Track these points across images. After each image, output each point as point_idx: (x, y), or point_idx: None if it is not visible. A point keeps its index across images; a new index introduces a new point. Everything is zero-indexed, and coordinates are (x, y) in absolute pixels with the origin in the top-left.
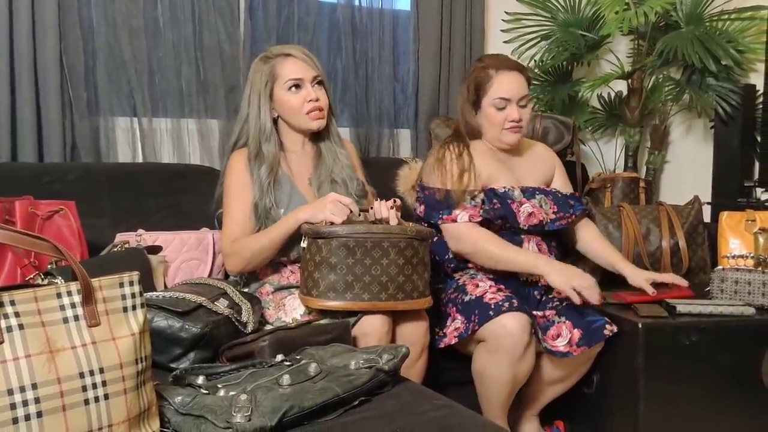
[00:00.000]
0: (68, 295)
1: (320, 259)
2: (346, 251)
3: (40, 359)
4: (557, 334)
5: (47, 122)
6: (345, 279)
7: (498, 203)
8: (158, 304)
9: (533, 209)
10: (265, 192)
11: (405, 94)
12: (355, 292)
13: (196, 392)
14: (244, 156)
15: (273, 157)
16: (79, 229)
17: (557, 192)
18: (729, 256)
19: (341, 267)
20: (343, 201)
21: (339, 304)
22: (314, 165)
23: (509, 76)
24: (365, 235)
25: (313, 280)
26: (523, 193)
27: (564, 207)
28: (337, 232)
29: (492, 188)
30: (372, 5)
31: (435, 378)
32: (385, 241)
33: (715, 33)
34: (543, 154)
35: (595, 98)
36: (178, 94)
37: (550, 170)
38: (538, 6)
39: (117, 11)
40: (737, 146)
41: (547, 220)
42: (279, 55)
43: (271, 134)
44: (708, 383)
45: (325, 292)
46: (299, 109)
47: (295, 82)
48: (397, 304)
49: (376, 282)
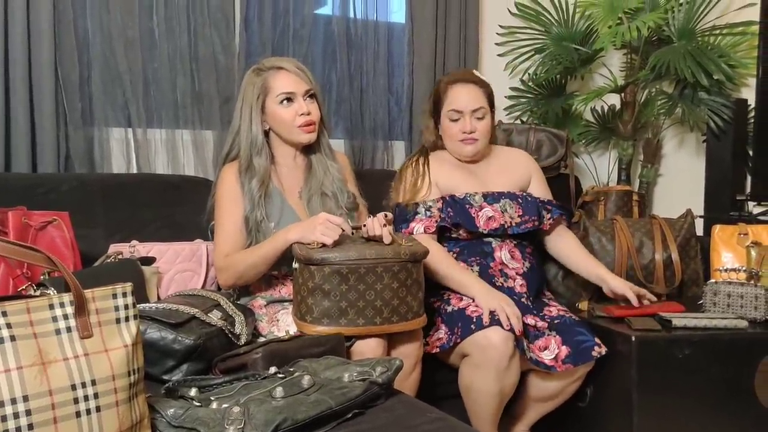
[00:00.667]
0: (61, 306)
1: (313, 285)
2: (339, 278)
3: (32, 371)
4: (545, 346)
5: (41, 132)
6: (339, 305)
7: (452, 210)
8: (151, 315)
9: (494, 213)
10: (257, 205)
11: (399, 107)
12: (349, 318)
13: (189, 404)
14: (235, 168)
15: (264, 170)
16: (72, 240)
17: (528, 196)
18: (721, 270)
19: (335, 294)
20: (333, 221)
21: (333, 330)
22: (305, 178)
23: (463, 89)
24: (358, 261)
25: (306, 306)
26: (485, 198)
27: (531, 211)
28: (329, 259)
29: (452, 195)
30: (367, 18)
31: (429, 391)
32: (379, 266)
33: (706, 48)
34: (517, 161)
35: (589, 111)
36: (172, 105)
37: (524, 176)
38: (532, 20)
39: (112, 22)
40: (729, 160)
41: (511, 224)
42: (271, 68)
43: (263, 147)
44: (701, 396)
45: (318, 318)
46: (291, 123)
47: (287, 95)
48: (391, 327)
49: (371, 307)
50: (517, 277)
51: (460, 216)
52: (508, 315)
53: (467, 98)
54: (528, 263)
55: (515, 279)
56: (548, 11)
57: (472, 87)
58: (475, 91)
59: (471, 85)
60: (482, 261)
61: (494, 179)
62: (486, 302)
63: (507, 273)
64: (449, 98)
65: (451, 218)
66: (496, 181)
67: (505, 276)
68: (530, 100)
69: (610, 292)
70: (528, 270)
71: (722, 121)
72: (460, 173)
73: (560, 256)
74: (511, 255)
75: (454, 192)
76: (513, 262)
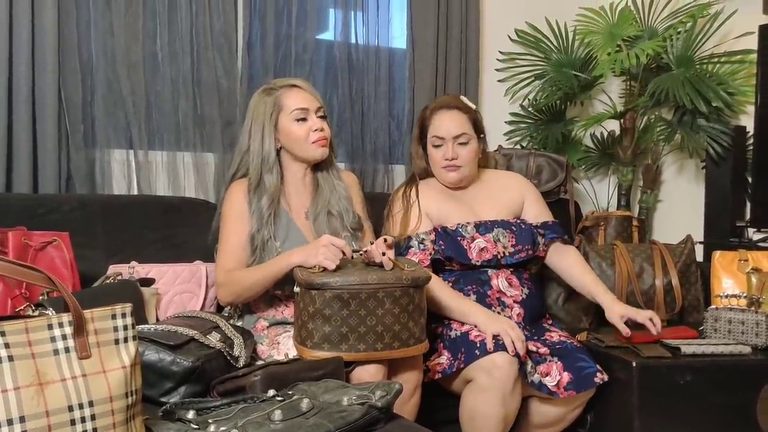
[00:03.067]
0: (60, 326)
1: (314, 310)
2: (340, 303)
3: (29, 391)
4: (546, 372)
5: (43, 153)
6: (339, 331)
7: (444, 243)
8: (150, 337)
9: (486, 244)
10: (265, 223)
11: (400, 131)
12: (350, 344)
13: (187, 427)
14: (244, 186)
15: (274, 188)
16: (71, 261)
17: (522, 223)
18: (722, 296)
19: (335, 319)
20: (336, 243)
21: (334, 355)
22: (312, 197)
23: (445, 115)
24: (360, 286)
25: (307, 331)
26: (477, 228)
27: (525, 240)
28: (330, 284)
29: (444, 227)
30: (368, 43)
31: (428, 416)
32: (380, 291)
33: (705, 75)
34: (507, 185)
35: (588, 137)
36: (174, 127)
37: (515, 201)
38: (532, 46)
39: (116, 46)
40: (729, 187)
41: (504, 254)
42: (284, 86)
43: (274, 165)
44: (703, 423)
45: (319, 344)
46: (305, 139)
47: (301, 112)
48: (392, 353)
49: (372, 332)
50: (515, 305)
51: (451, 249)
52: (513, 339)
53: (449, 125)
54: (526, 290)
55: (513, 307)
56: (548, 38)
57: (455, 113)
58: (458, 117)
59: (454, 111)
60: (479, 289)
61: (484, 206)
62: (490, 327)
63: (505, 301)
64: (433, 125)
65: (443, 251)
66: (486, 208)
67: (502, 305)
68: (530, 125)
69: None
70: (526, 297)
71: (721, 148)
72: (450, 202)
73: (561, 273)
74: (508, 282)
75: (446, 221)
76: (511, 289)
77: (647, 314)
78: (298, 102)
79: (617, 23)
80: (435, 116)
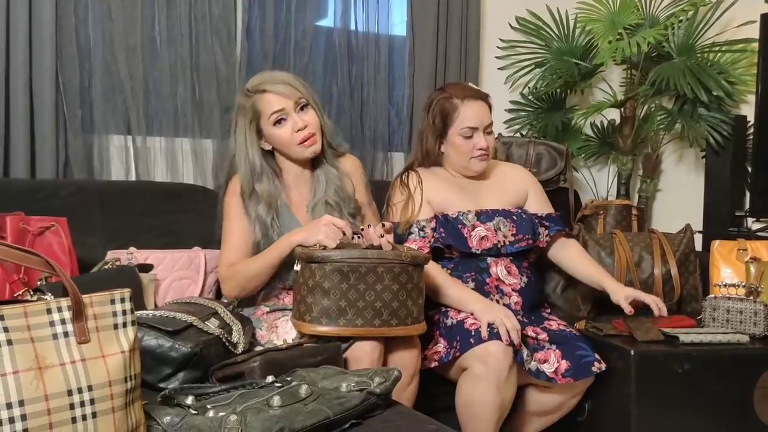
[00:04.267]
0: (58, 311)
1: (313, 283)
2: (340, 276)
3: (28, 375)
4: (544, 359)
5: (41, 138)
6: (338, 304)
7: (444, 230)
8: (148, 322)
9: (487, 232)
10: (270, 228)
11: (399, 118)
12: (348, 318)
13: (185, 412)
14: (238, 189)
15: (268, 194)
16: (70, 246)
17: (523, 213)
18: (721, 285)
19: (335, 292)
20: (336, 223)
21: (332, 330)
22: (310, 189)
23: (476, 105)
24: (360, 260)
25: (305, 305)
26: (478, 217)
27: (525, 229)
28: (331, 257)
29: (444, 215)
30: (368, 30)
31: (426, 403)
32: (380, 266)
33: (706, 64)
34: (512, 176)
35: (588, 126)
36: (173, 113)
37: (519, 191)
38: (533, 34)
39: (114, 30)
40: (728, 176)
41: (504, 243)
42: (256, 91)
43: (263, 172)
44: (700, 411)
45: (318, 318)
46: (290, 141)
47: (278, 115)
48: (390, 330)
49: (370, 308)
50: (513, 293)
51: (451, 236)
52: (508, 328)
53: (482, 115)
54: (525, 278)
55: (511, 296)
56: (549, 26)
57: (482, 103)
58: (486, 107)
59: (481, 102)
60: (478, 277)
61: (487, 196)
62: (485, 316)
63: (503, 289)
64: (463, 115)
65: (443, 238)
66: (489, 197)
67: (501, 292)
68: (530, 113)
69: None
70: (525, 285)
71: (721, 137)
72: (454, 190)
73: (564, 265)
74: (507, 270)
75: (447, 210)
76: (510, 277)
77: (653, 297)
78: (272, 105)
79: (618, 11)
80: (465, 106)
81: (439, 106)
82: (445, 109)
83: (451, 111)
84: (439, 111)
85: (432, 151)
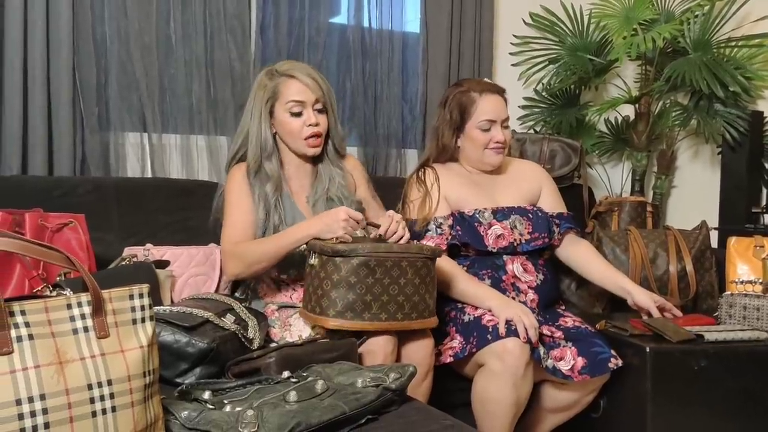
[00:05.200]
0: (78, 306)
1: (338, 278)
2: (367, 270)
3: (49, 370)
4: (560, 356)
5: (58, 136)
6: (363, 299)
7: (461, 228)
8: (165, 318)
9: (503, 231)
10: (273, 209)
11: (413, 115)
12: (373, 312)
13: (203, 407)
14: (243, 170)
15: (277, 174)
16: (87, 243)
17: (539, 211)
18: (737, 282)
19: (360, 286)
20: (354, 216)
21: (357, 324)
22: (310, 183)
23: (493, 99)
24: (386, 254)
25: (329, 300)
26: (495, 215)
27: (541, 227)
28: (357, 251)
29: (461, 212)
30: (382, 27)
31: (440, 399)
32: (404, 260)
33: (722, 59)
34: (527, 173)
35: (603, 122)
36: (188, 110)
37: (534, 189)
38: (547, 30)
39: (130, 28)
40: (744, 172)
41: (521, 241)
42: (284, 74)
43: (273, 151)
44: (717, 409)
45: (342, 312)
46: (298, 133)
47: (297, 105)
48: (411, 324)
49: (393, 302)
50: (529, 291)
51: (468, 235)
52: (526, 326)
53: (500, 108)
54: (541, 275)
55: (527, 293)
56: (563, 22)
57: (499, 96)
58: (502, 100)
59: (498, 95)
60: (494, 274)
61: (503, 192)
62: (503, 312)
63: (519, 287)
64: (481, 108)
65: (460, 237)
66: (504, 194)
67: (517, 290)
68: (544, 110)
69: (634, 304)
70: (541, 282)
71: (738, 133)
72: (470, 187)
73: (576, 266)
74: (523, 268)
75: (463, 206)
76: (526, 275)
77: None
78: (294, 93)
79: (633, 6)
80: (482, 100)
81: (456, 101)
82: (462, 103)
83: (469, 104)
84: (457, 105)
85: (448, 145)
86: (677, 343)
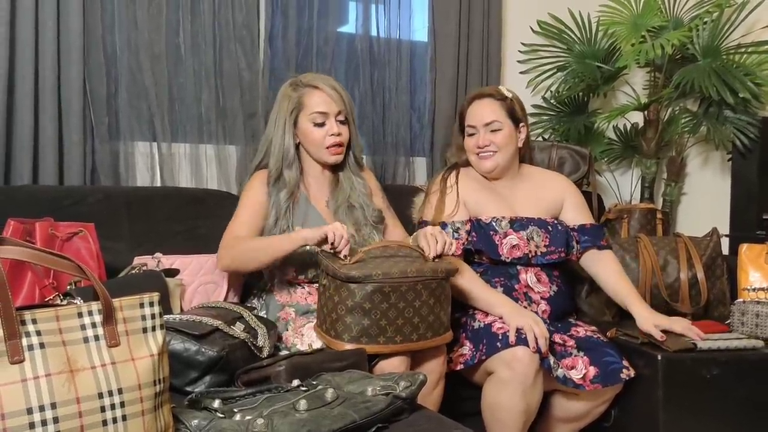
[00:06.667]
0: (89, 314)
1: (353, 304)
2: (381, 296)
3: (60, 378)
4: (572, 365)
5: (68, 145)
6: (379, 324)
7: (477, 235)
8: (175, 326)
9: (519, 241)
10: (282, 215)
11: (421, 123)
12: (388, 336)
13: (213, 416)
14: (264, 177)
15: (294, 182)
16: (97, 252)
17: (558, 225)
18: (749, 289)
19: (375, 312)
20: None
21: (371, 348)
22: (331, 190)
23: (477, 104)
24: (400, 279)
25: (344, 325)
26: (512, 224)
27: (559, 242)
28: (372, 277)
29: (479, 219)
30: (390, 36)
31: (452, 407)
32: (419, 283)
33: (732, 66)
34: (551, 184)
35: (611, 129)
36: (197, 119)
37: (556, 201)
38: (555, 37)
39: (140, 38)
40: (755, 179)
41: (536, 253)
42: (308, 85)
43: (294, 160)
44: (729, 417)
45: (357, 337)
46: (320, 143)
47: (320, 116)
48: (426, 343)
49: (408, 324)
50: (541, 301)
51: (483, 242)
52: (536, 335)
53: (480, 112)
54: (555, 287)
55: (539, 303)
56: (571, 29)
57: (487, 101)
58: (490, 104)
59: (486, 99)
60: (506, 282)
61: (523, 203)
62: (514, 320)
63: (532, 297)
64: (468, 114)
65: (474, 243)
66: (524, 204)
67: (529, 300)
68: (552, 117)
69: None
70: (554, 294)
71: (748, 140)
72: (488, 193)
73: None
74: (537, 278)
75: (481, 213)
76: (539, 285)
77: (682, 323)
78: (318, 104)
79: (641, 13)
80: (470, 106)
81: (459, 109)
82: (460, 111)
83: (463, 111)
84: (458, 113)
85: (459, 153)
86: (674, 353)
